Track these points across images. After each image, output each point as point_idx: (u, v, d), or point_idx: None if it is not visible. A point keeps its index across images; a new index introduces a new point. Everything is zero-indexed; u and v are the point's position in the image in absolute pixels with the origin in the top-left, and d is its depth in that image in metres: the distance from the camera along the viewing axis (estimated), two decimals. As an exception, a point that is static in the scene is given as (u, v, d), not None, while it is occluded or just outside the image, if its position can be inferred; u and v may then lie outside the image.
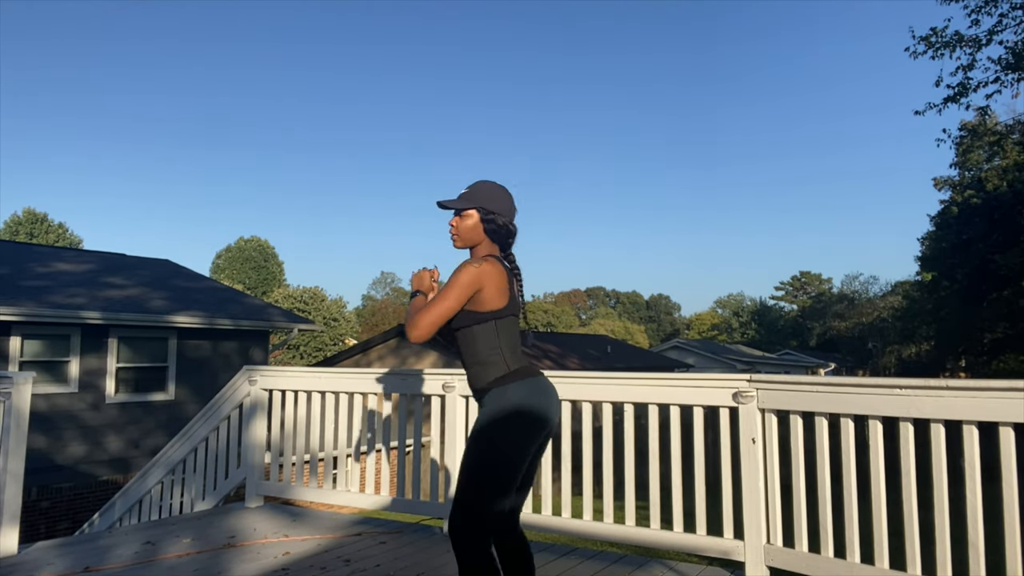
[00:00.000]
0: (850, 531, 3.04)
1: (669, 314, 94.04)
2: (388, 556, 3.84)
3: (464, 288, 2.32)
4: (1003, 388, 2.69)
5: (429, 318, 2.31)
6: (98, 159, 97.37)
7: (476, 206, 2.48)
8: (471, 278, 2.32)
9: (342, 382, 4.89)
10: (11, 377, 4.09)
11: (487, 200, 2.48)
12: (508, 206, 2.51)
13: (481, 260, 2.39)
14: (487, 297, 2.35)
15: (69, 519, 10.59)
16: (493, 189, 2.52)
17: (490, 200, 2.48)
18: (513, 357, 2.41)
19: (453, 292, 2.32)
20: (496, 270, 2.37)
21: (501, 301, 2.38)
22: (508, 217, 2.50)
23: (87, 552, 4.09)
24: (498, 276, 2.37)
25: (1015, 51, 13.99)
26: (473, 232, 2.49)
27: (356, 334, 53.55)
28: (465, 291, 2.32)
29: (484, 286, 2.34)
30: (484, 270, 2.34)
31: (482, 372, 2.40)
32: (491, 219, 2.47)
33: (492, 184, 2.54)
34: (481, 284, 2.33)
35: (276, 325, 14.24)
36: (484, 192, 2.50)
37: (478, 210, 2.48)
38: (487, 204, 2.47)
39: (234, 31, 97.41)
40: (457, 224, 2.51)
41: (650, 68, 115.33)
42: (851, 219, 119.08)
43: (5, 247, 15.10)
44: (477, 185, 2.53)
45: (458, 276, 2.33)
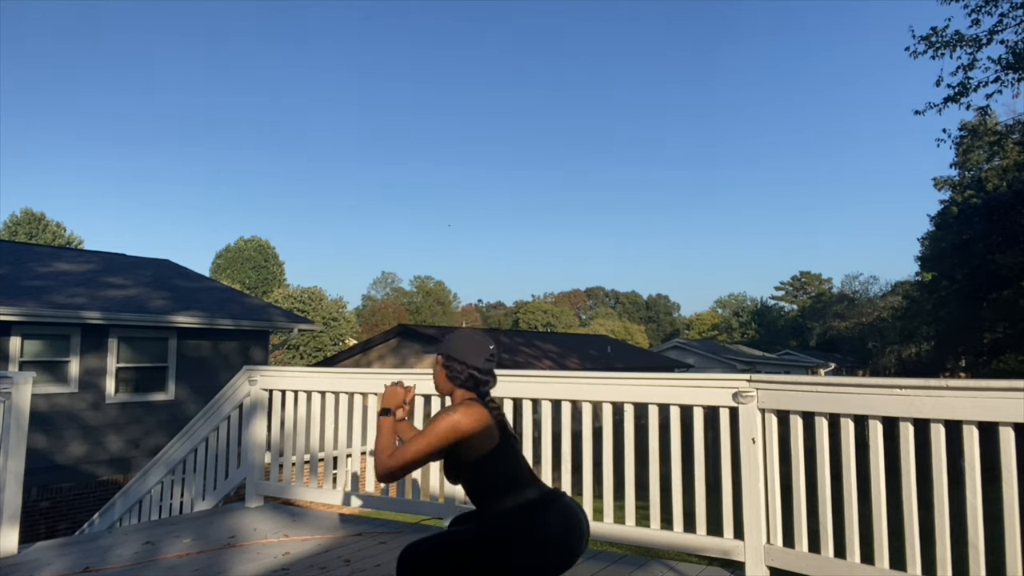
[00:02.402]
0: (850, 531, 3.04)
1: (669, 314, 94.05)
2: (388, 556, 3.83)
3: (438, 439, 2.27)
4: (1003, 388, 2.69)
5: (398, 462, 2.28)
6: (98, 159, 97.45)
7: (440, 353, 2.53)
8: (445, 430, 2.28)
9: (342, 382, 4.89)
10: (11, 377, 4.09)
11: (453, 348, 2.50)
12: (474, 354, 2.47)
13: (457, 407, 2.35)
14: (474, 444, 2.31)
15: (69, 519, 10.59)
16: (459, 338, 2.53)
17: (456, 348, 2.49)
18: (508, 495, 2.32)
19: (428, 442, 2.28)
20: (472, 415, 2.31)
21: (490, 444, 2.33)
22: (472, 364, 2.45)
23: (87, 552, 4.09)
24: (477, 418, 2.32)
25: (1015, 51, 13.99)
26: (440, 378, 2.52)
27: (356, 334, 53.57)
28: (439, 442, 2.28)
29: (464, 434, 2.29)
30: (459, 420, 2.29)
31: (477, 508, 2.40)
32: (450, 366, 2.48)
33: (461, 333, 2.56)
34: (458, 434, 2.28)
35: (276, 325, 14.24)
36: (452, 340, 2.53)
37: (441, 356, 2.52)
38: (450, 352, 2.49)
39: (234, 31, 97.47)
40: (434, 369, 2.57)
41: (650, 68, 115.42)
42: (851, 219, 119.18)
43: (5, 247, 15.10)
44: (453, 334, 2.56)
45: (434, 425, 2.30)
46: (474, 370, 2.46)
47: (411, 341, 20.25)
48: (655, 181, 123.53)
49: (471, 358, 2.47)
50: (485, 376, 2.49)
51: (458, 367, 2.47)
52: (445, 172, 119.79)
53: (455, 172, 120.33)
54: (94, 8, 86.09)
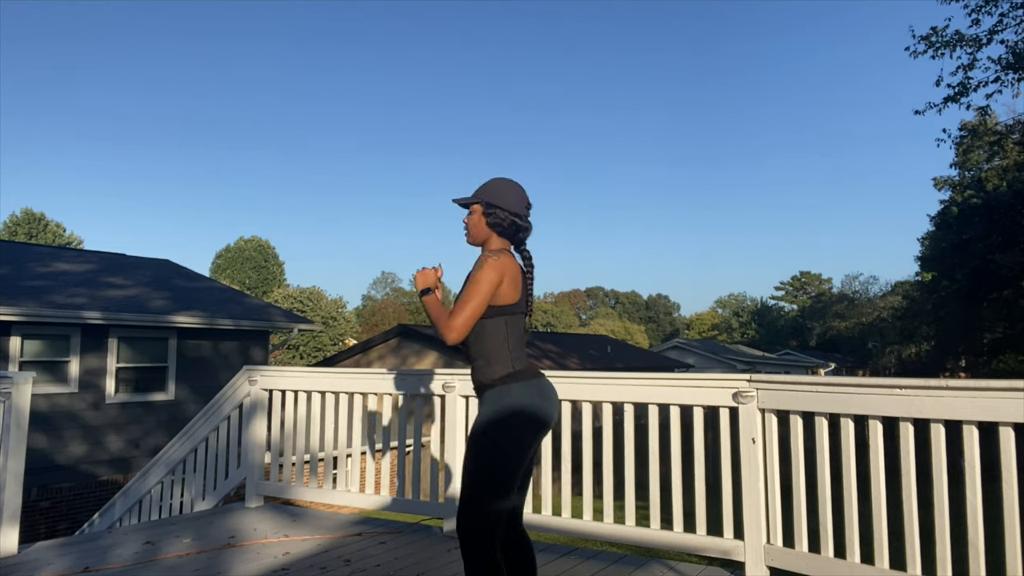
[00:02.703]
0: (850, 531, 3.04)
1: (669, 314, 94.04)
2: (388, 556, 3.84)
3: (488, 283, 2.34)
4: (1003, 388, 2.69)
5: (462, 318, 2.32)
6: (98, 159, 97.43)
7: (480, 201, 2.51)
8: (494, 273, 2.34)
9: (342, 382, 4.89)
10: (11, 377, 4.09)
11: (491, 195, 2.50)
12: (514, 200, 2.50)
13: (498, 253, 2.40)
14: (502, 291, 2.37)
15: (69, 519, 10.59)
16: (500, 184, 2.53)
17: (494, 195, 2.50)
18: (518, 356, 2.42)
19: (480, 288, 2.33)
20: (512, 264, 2.41)
21: (514, 296, 2.40)
22: (515, 211, 2.49)
23: (87, 552, 4.09)
24: (513, 270, 2.40)
25: (1015, 51, 13.99)
26: (479, 227, 2.52)
27: (356, 334, 53.56)
28: (490, 286, 2.34)
29: (503, 279, 2.36)
30: (503, 263, 2.37)
31: (487, 368, 2.41)
32: (492, 213, 2.49)
33: (500, 180, 2.55)
34: (502, 276, 2.36)
35: (276, 325, 14.24)
36: (490, 187, 2.52)
37: (481, 204, 2.51)
38: (491, 198, 2.50)
39: (234, 31, 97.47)
40: (467, 220, 2.56)
41: (651, 68, 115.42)
42: (851, 219, 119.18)
43: (5, 247, 15.10)
44: (488, 182, 2.55)
45: (481, 272, 2.35)
46: (516, 216, 2.49)
47: (411, 341, 20.25)
48: (655, 181, 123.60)
49: (513, 204, 2.49)
50: (525, 223, 2.52)
51: (500, 214, 2.48)
52: (445, 172, 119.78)
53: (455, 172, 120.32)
54: (94, 8, 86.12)
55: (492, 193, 2.50)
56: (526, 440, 2.34)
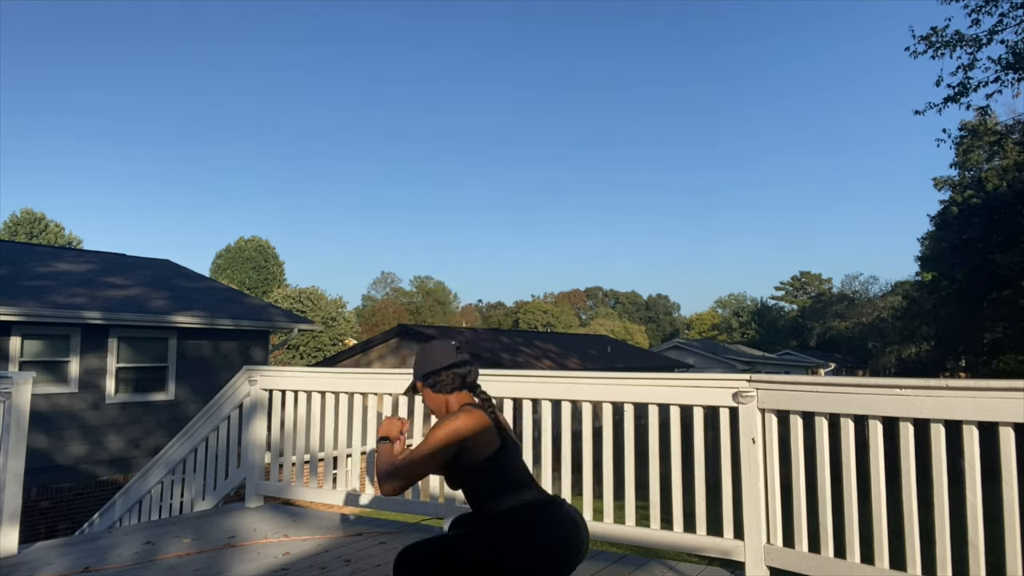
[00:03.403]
0: (850, 531, 3.04)
1: (668, 314, 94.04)
2: (388, 556, 3.83)
3: (441, 446, 2.27)
4: (1003, 388, 2.69)
5: (403, 473, 2.27)
6: (98, 159, 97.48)
7: (417, 380, 2.54)
8: (448, 435, 2.28)
9: (342, 382, 4.89)
10: (11, 377, 4.09)
11: (423, 368, 2.51)
12: (443, 355, 2.48)
13: (458, 413, 2.35)
14: (472, 448, 2.30)
15: (69, 519, 10.59)
16: (426, 353, 2.53)
17: (425, 366, 2.50)
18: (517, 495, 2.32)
19: (430, 450, 2.27)
20: (473, 419, 2.32)
21: (488, 448, 2.32)
22: (448, 365, 2.46)
23: (87, 552, 4.09)
24: (477, 423, 2.32)
25: (1015, 51, 13.99)
26: (434, 399, 2.51)
27: (356, 334, 53.57)
28: (442, 449, 2.27)
29: (466, 438, 2.29)
30: (460, 425, 2.30)
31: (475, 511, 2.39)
32: (433, 381, 2.49)
33: (425, 349, 2.56)
34: (460, 437, 2.28)
35: (276, 325, 14.24)
36: (421, 363, 2.53)
37: (420, 382, 2.53)
38: (425, 371, 2.50)
39: (234, 31, 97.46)
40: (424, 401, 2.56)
41: (650, 68, 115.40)
42: (851, 219, 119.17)
43: (5, 247, 15.10)
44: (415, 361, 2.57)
45: (435, 432, 2.29)
46: (453, 367, 2.47)
47: (411, 341, 20.25)
48: (655, 181, 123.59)
49: (443, 361, 2.48)
50: (464, 368, 2.49)
51: (440, 376, 2.47)
52: (445, 172, 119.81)
53: (455, 172, 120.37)
54: (94, 8, 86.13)
55: (422, 367, 2.51)
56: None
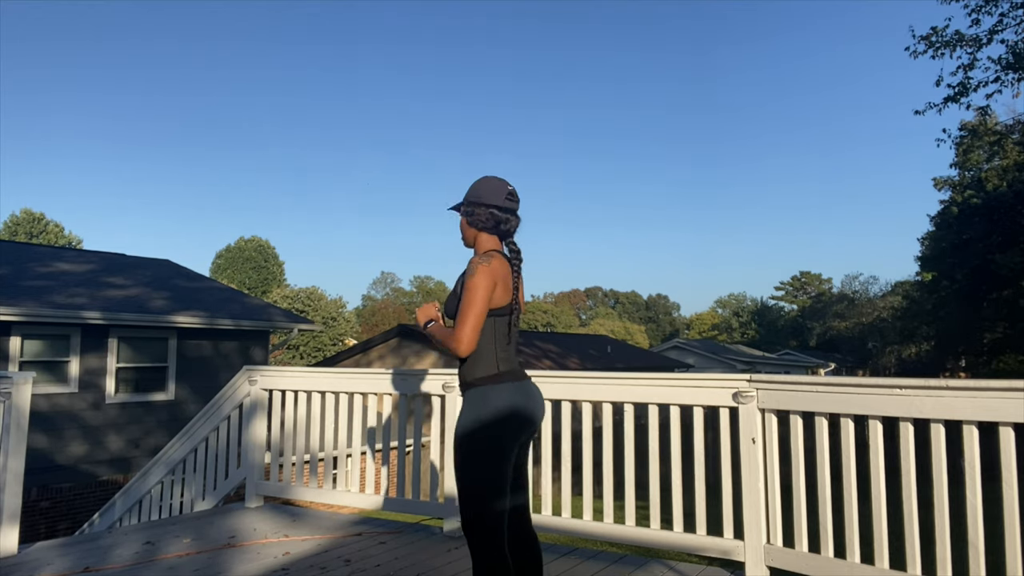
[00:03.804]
0: (850, 531, 3.04)
1: (669, 314, 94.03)
2: (388, 556, 3.84)
3: (483, 289, 2.36)
4: (1003, 388, 2.69)
5: (467, 329, 2.34)
6: (98, 159, 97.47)
7: (461, 203, 2.58)
8: (486, 279, 2.37)
9: (342, 382, 4.89)
10: (11, 377, 4.09)
11: (470, 195, 2.55)
12: (490, 194, 2.52)
13: (486, 257, 2.42)
14: (493, 295, 2.40)
15: (69, 519, 10.59)
16: (479, 182, 2.56)
17: (472, 194, 2.54)
18: (504, 357, 2.45)
19: (477, 295, 2.35)
20: (500, 266, 2.43)
21: (504, 299, 2.43)
22: (492, 203, 2.51)
23: (87, 552, 4.09)
24: (503, 272, 2.43)
25: (1015, 50, 13.99)
26: (465, 228, 2.58)
27: (356, 334, 53.55)
28: (485, 291, 2.36)
29: (495, 283, 2.39)
30: (492, 268, 2.39)
31: (472, 367, 2.44)
32: (471, 211, 2.53)
33: (481, 178, 2.57)
34: (494, 281, 2.38)
35: (276, 325, 14.24)
36: (472, 188, 2.56)
37: (463, 208, 2.57)
38: (470, 197, 2.54)
39: (234, 31, 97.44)
40: (461, 225, 2.62)
41: (650, 67, 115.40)
42: (851, 219, 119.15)
43: (5, 247, 15.10)
44: (471, 185, 2.58)
45: (473, 279, 2.37)
46: (494, 208, 2.51)
47: (411, 341, 20.25)
48: (655, 181, 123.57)
49: (490, 198, 2.51)
50: (505, 213, 2.53)
51: (478, 210, 2.51)
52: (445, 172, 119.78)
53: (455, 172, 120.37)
54: (94, 8, 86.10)
55: (471, 193, 2.55)
56: (508, 439, 2.38)
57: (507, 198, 2.53)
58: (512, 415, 2.38)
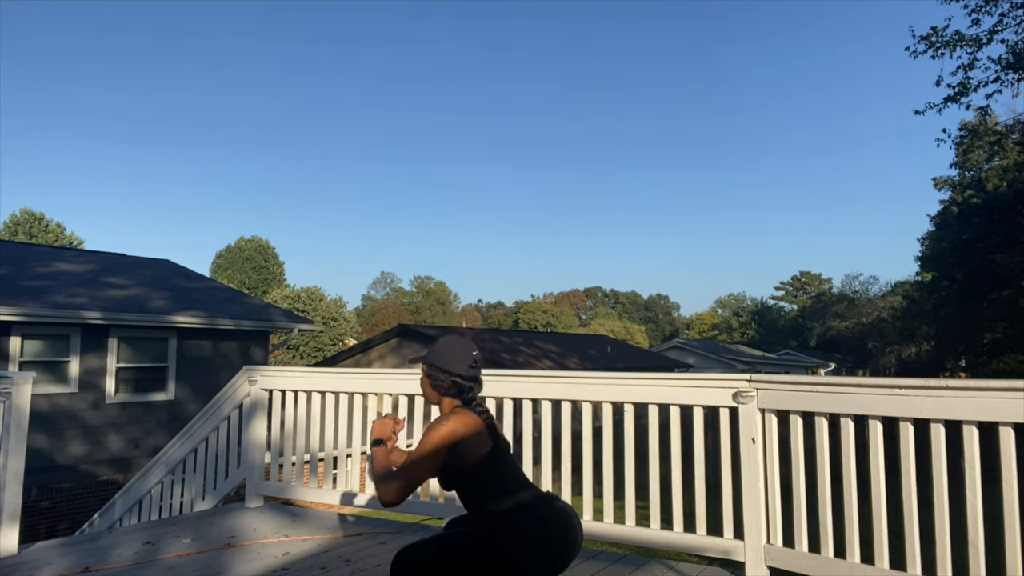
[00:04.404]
0: (850, 531, 3.04)
1: (669, 314, 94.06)
2: (388, 556, 3.83)
3: (436, 449, 2.28)
4: (1003, 388, 2.69)
5: (399, 484, 2.27)
6: (98, 159, 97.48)
7: (424, 362, 2.52)
8: (442, 438, 2.29)
9: (342, 382, 4.89)
10: (11, 377, 4.09)
11: (435, 357, 2.49)
12: (455, 361, 2.46)
13: (448, 416, 2.36)
14: (464, 451, 2.32)
15: (69, 519, 10.59)
16: (444, 344, 2.51)
17: (436, 356, 2.49)
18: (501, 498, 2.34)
19: (426, 455, 2.28)
20: (464, 421, 2.34)
21: (480, 448, 2.34)
22: (456, 372, 2.45)
23: (87, 552, 4.09)
24: (469, 425, 2.34)
25: (1015, 50, 13.99)
26: (427, 388, 2.52)
27: (356, 334, 53.57)
28: (436, 452, 2.29)
29: (458, 441, 2.30)
30: (452, 428, 2.31)
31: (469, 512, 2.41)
32: (433, 375, 2.48)
33: (445, 340, 2.54)
34: (453, 440, 2.30)
35: (276, 325, 14.24)
36: (435, 349, 2.52)
37: (425, 366, 2.52)
38: (433, 360, 2.49)
39: (234, 30, 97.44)
40: (420, 379, 2.56)
41: (650, 67, 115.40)
42: (851, 219, 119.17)
43: (5, 247, 15.10)
44: (437, 342, 2.55)
45: (429, 436, 2.30)
46: (457, 377, 2.45)
47: (411, 341, 20.24)
48: (655, 181, 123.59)
49: (453, 365, 2.46)
50: (469, 383, 2.47)
51: (441, 376, 2.46)
52: (445, 171, 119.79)
53: (455, 171, 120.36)
54: (94, 7, 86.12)
55: (434, 355, 2.50)
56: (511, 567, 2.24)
57: (470, 366, 2.47)
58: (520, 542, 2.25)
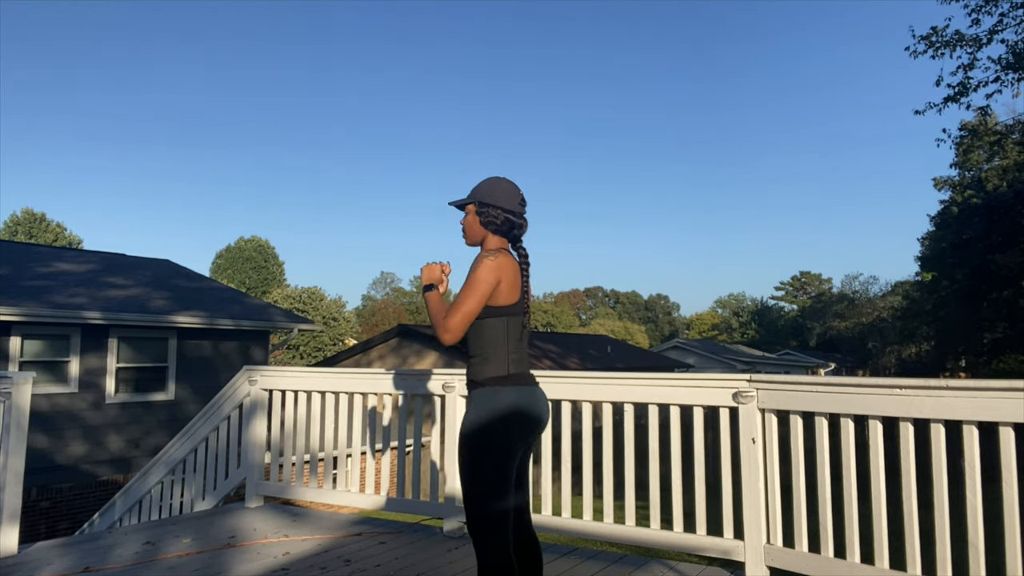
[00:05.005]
0: (850, 531, 3.04)
1: (669, 314, 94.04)
2: (388, 556, 3.84)
3: (486, 284, 2.34)
4: (1003, 388, 2.69)
5: (458, 319, 2.33)
6: (98, 159, 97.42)
7: (473, 201, 2.54)
8: (489, 273, 2.35)
9: (342, 382, 4.89)
10: (11, 377, 4.09)
11: (484, 194, 2.52)
12: (506, 198, 2.51)
13: (495, 253, 2.41)
14: (500, 292, 2.38)
15: (69, 519, 10.59)
16: (493, 183, 2.54)
17: (486, 194, 2.52)
18: (516, 359, 2.44)
19: (477, 288, 2.34)
20: (509, 264, 2.41)
21: (512, 297, 2.41)
22: (507, 208, 2.50)
23: (87, 552, 4.09)
24: (511, 270, 2.41)
25: (1015, 50, 13.99)
26: (474, 227, 2.55)
27: (356, 334, 53.56)
28: (487, 286, 2.34)
29: (501, 279, 2.37)
30: (500, 263, 2.38)
31: (482, 366, 2.43)
32: (485, 212, 2.51)
33: (494, 179, 2.56)
34: (499, 277, 2.36)
35: (276, 325, 14.24)
36: (483, 187, 2.55)
37: (475, 204, 2.54)
38: (483, 198, 2.52)
39: (235, 31, 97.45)
40: (463, 222, 2.59)
41: (650, 67, 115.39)
42: (851, 219, 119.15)
43: (5, 247, 15.10)
44: (481, 182, 2.57)
45: (477, 272, 2.35)
46: (509, 213, 2.50)
47: (411, 341, 20.24)
48: (655, 181, 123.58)
49: (506, 202, 2.50)
50: (519, 220, 2.53)
51: (493, 212, 2.50)
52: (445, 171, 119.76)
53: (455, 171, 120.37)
54: (94, 8, 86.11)
55: (484, 193, 2.53)
56: (514, 439, 2.37)
57: (520, 203, 2.54)
58: (519, 416, 2.37)
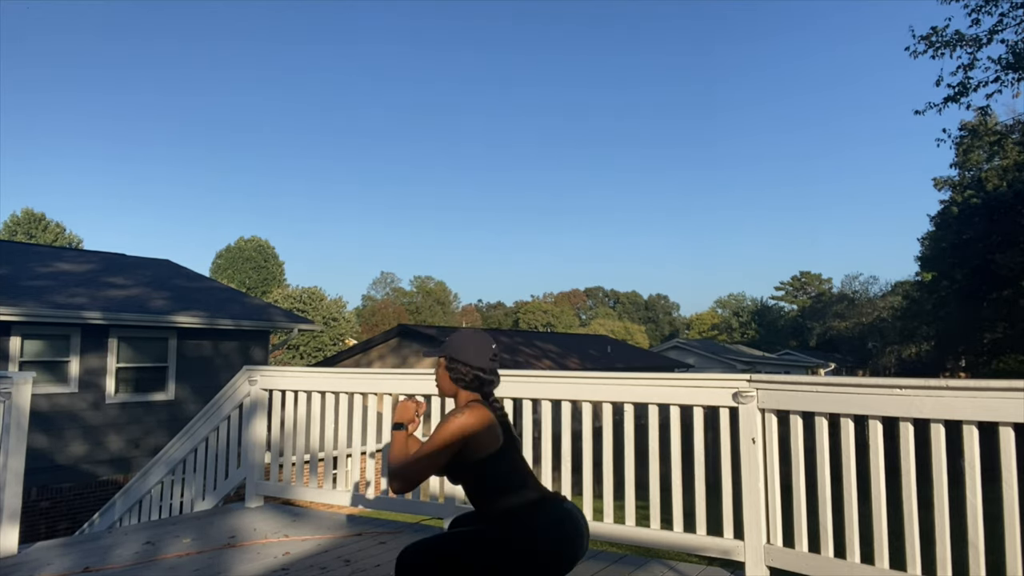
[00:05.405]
0: (850, 531, 3.04)
1: (669, 314, 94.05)
2: (388, 556, 3.83)
3: (448, 442, 2.29)
4: (1003, 388, 2.69)
5: (413, 472, 2.29)
6: (98, 159, 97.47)
7: (443, 355, 2.51)
8: (454, 432, 2.29)
9: (342, 382, 4.89)
10: (11, 377, 4.09)
11: (454, 349, 2.49)
12: (477, 355, 2.46)
13: (463, 409, 2.36)
14: (478, 443, 2.32)
15: (69, 519, 10.59)
16: (465, 339, 2.51)
17: (456, 350, 2.48)
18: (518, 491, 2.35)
19: (438, 448, 2.28)
20: (478, 416, 2.34)
21: (493, 444, 2.34)
22: (476, 365, 2.45)
23: (87, 552, 4.09)
24: (483, 420, 2.34)
25: (1015, 50, 13.98)
26: (445, 380, 2.51)
27: (356, 334, 53.57)
28: (449, 445, 2.29)
29: (471, 435, 2.31)
30: (466, 422, 2.31)
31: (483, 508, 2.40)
32: (455, 368, 2.47)
33: (464, 333, 2.54)
34: (466, 434, 2.30)
35: (276, 325, 14.24)
36: (454, 341, 2.52)
37: (444, 359, 2.51)
38: (453, 353, 2.48)
39: (235, 31, 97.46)
40: (436, 373, 2.56)
41: (650, 67, 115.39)
42: (851, 219, 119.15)
43: (5, 247, 15.10)
44: (452, 335, 2.55)
45: (442, 429, 2.30)
46: (479, 371, 2.45)
47: (411, 341, 20.25)
48: (655, 181, 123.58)
49: (475, 359, 2.46)
50: (489, 376, 2.48)
51: (462, 368, 2.46)
52: (445, 171, 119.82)
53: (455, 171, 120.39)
54: (94, 8, 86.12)
55: (454, 348, 2.49)
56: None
57: (491, 359, 2.48)
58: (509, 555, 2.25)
